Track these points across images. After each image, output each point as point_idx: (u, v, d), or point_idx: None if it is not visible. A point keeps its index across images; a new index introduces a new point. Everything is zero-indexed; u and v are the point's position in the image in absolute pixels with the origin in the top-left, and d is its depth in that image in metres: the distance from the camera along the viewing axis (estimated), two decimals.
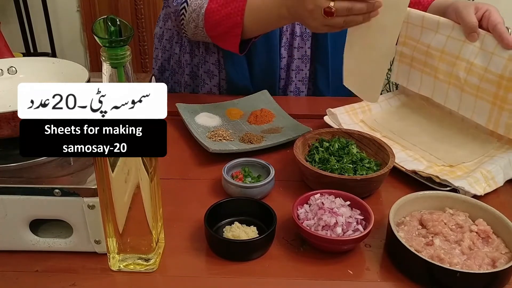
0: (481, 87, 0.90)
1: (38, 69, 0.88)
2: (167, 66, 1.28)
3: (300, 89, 1.20)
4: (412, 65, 1.03)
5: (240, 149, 0.92)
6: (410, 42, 1.02)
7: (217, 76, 1.19)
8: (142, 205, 0.63)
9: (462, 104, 0.94)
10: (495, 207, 0.73)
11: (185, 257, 0.70)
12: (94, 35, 0.54)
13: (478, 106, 0.92)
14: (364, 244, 0.73)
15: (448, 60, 0.95)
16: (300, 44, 1.15)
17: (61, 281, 0.66)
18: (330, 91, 1.20)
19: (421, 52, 1.00)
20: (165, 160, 0.93)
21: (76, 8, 2.56)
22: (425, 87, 1.02)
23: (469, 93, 0.92)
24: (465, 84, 0.92)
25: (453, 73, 0.94)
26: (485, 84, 0.89)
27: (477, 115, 0.93)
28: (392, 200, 0.74)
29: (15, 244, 0.69)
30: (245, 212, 0.76)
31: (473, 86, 0.91)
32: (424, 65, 1.00)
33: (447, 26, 0.95)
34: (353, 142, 0.90)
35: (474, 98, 0.92)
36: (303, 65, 1.17)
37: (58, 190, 0.64)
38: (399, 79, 1.08)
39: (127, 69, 0.57)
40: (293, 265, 0.69)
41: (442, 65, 0.96)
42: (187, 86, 1.25)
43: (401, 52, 1.05)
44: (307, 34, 1.14)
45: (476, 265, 0.65)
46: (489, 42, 0.89)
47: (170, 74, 1.28)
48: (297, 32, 1.14)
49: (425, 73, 1.01)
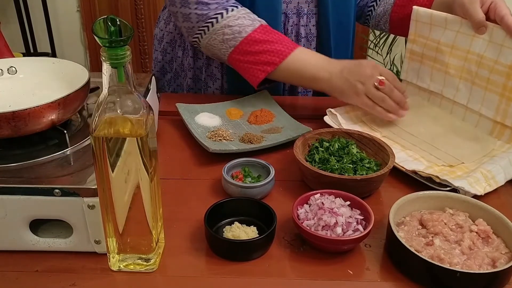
0: (490, 79, 0.92)
1: (38, 69, 0.88)
2: (168, 68, 1.28)
3: (307, 89, 1.21)
4: (423, 62, 1.06)
5: (240, 149, 0.92)
6: (420, 39, 1.06)
7: (220, 80, 1.19)
8: (142, 205, 0.63)
9: (471, 97, 0.97)
10: (495, 207, 0.73)
11: (185, 257, 0.70)
12: (94, 35, 0.54)
13: (487, 98, 0.94)
14: (364, 244, 0.73)
15: (458, 55, 0.98)
16: (305, 45, 1.15)
17: (61, 281, 0.66)
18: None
19: (432, 48, 1.03)
20: (165, 160, 0.93)
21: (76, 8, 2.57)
22: (436, 82, 1.04)
23: (479, 85, 0.95)
24: (476, 77, 0.95)
25: (464, 67, 0.97)
26: (495, 76, 0.92)
27: (486, 108, 0.95)
28: (392, 200, 0.74)
29: (15, 244, 0.69)
30: (245, 212, 0.76)
31: (483, 79, 0.94)
32: (435, 61, 1.03)
33: (456, 22, 0.97)
34: (353, 142, 0.90)
35: (484, 91, 0.94)
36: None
37: (58, 190, 0.64)
38: (408, 77, 1.10)
39: (127, 69, 0.57)
40: (293, 265, 0.69)
41: (453, 60, 0.99)
42: (190, 90, 1.25)
43: (411, 50, 1.08)
44: (311, 35, 1.15)
45: (476, 265, 0.65)
46: (498, 34, 0.91)
47: (172, 77, 1.28)
48: (302, 34, 1.14)
49: (435, 69, 1.04)
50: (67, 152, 0.74)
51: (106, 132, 0.58)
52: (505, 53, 0.89)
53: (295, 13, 1.13)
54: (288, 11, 1.12)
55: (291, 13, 1.12)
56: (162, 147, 0.97)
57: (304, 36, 1.15)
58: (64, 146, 0.75)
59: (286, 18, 1.13)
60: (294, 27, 1.14)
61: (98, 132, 0.58)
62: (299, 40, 1.15)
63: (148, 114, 0.60)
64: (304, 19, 1.13)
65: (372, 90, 0.96)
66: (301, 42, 1.15)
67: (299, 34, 1.14)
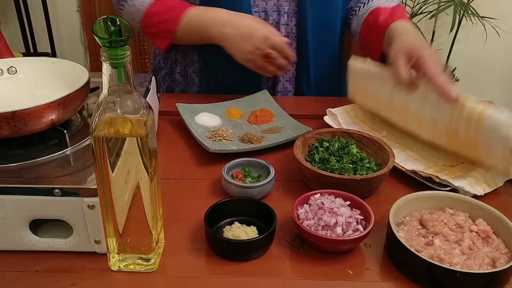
0: (432, 138, 0.90)
1: (38, 69, 0.88)
2: (163, 64, 1.29)
3: (288, 88, 1.20)
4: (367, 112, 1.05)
5: (240, 149, 0.92)
6: (359, 95, 1.03)
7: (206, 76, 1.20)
8: (142, 205, 0.63)
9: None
10: (495, 207, 0.73)
11: (185, 257, 0.70)
12: (94, 35, 0.54)
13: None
14: (364, 244, 0.73)
15: (397, 111, 0.94)
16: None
17: (61, 281, 0.66)
18: (312, 91, 1.20)
19: (372, 101, 1.01)
20: (165, 160, 0.93)
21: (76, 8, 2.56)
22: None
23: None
24: (421, 134, 0.92)
25: (406, 125, 0.94)
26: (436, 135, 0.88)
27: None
28: (392, 200, 0.74)
29: (15, 244, 0.69)
30: (245, 212, 0.76)
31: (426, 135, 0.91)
32: (378, 110, 1.01)
33: (389, 79, 0.90)
34: (353, 142, 0.90)
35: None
36: (289, 65, 1.17)
37: (58, 190, 0.64)
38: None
39: (127, 69, 0.57)
40: (293, 265, 0.69)
41: (393, 116, 0.97)
42: (179, 85, 1.26)
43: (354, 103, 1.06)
44: (292, 34, 1.14)
45: (476, 265, 0.65)
46: (432, 93, 0.84)
47: (167, 73, 1.28)
48: (282, 32, 1.14)
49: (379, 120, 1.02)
50: (67, 152, 0.74)
51: (106, 132, 0.58)
52: (443, 113, 0.82)
53: (275, 10, 1.12)
54: (268, 8, 1.12)
55: (271, 11, 1.12)
56: (162, 147, 0.97)
57: (285, 35, 1.14)
58: (64, 146, 0.75)
59: (266, 16, 1.13)
60: (275, 25, 1.13)
61: (98, 132, 0.58)
62: None
63: (148, 114, 0.60)
64: (284, 17, 1.13)
65: (258, 61, 1.04)
66: None
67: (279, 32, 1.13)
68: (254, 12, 1.12)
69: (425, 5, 2.09)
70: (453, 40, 2.17)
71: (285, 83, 1.20)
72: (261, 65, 1.05)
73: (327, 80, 1.22)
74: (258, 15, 1.12)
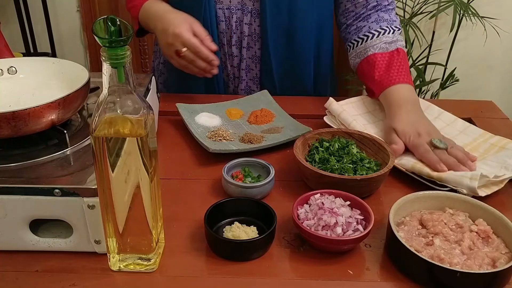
0: None
1: (38, 69, 0.88)
2: (161, 66, 1.29)
3: (251, 87, 1.20)
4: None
5: (240, 149, 0.92)
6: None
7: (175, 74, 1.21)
8: (142, 205, 0.63)
9: None
10: (495, 207, 0.73)
11: (185, 257, 0.70)
12: (94, 35, 0.54)
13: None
14: (364, 244, 0.73)
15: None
16: (250, 44, 1.14)
17: (61, 281, 0.66)
18: (278, 91, 1.19)
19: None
20: (165, 160, 0.93)
21: (76, 8, 2.56)
22: None
23: None
24: None
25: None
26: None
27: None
28: (392, 200, 0.74)
29: (15, 244, 0.69)
30: (245, 212, 0.76)
31: None
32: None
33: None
34: (353, 142, 0.90)
35: None
36: (253, 64, 1.17)
37: (58, 190, 0.64)
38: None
39: (127, 69, 0.57)
40: (293, 265, 0.69)
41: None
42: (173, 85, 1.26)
43: None
44: (256, 35, 1.13)
45: (476, 265, 0.65)
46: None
47: (167, 71, 1.29)
48: (245, 32, 1.13)
49: None
50: (67, 152, 0.74)
51: (106, 132, 0.58)
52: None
53: (239, 8, 1.11)
54: (232, 6, 1.11)
55: (235, 9, 1.11)
56: (162, 147, 0.97)
57: (248, 35, 1.13)
58: (64, 146, 0.75)
59: (230, 14, 1.11)
60: (239, 24, 1.12)
61: (98, 132, 0.58)
62: (242, 38, 1.14)
63: (148, 114, 0.60)
64: (248, 17, 1.11)
65: (175, 57, 1.04)
66: (245, 40, 1.13)
67: (242, 32, 1.13)
68: (219, 9, 1.11)
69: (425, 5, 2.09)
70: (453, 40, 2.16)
71: (249, 81, 1.19)
72: (181, 63, 1.05)
73: (292, 80, 1.20)
74: (222, 12, 1.11)
